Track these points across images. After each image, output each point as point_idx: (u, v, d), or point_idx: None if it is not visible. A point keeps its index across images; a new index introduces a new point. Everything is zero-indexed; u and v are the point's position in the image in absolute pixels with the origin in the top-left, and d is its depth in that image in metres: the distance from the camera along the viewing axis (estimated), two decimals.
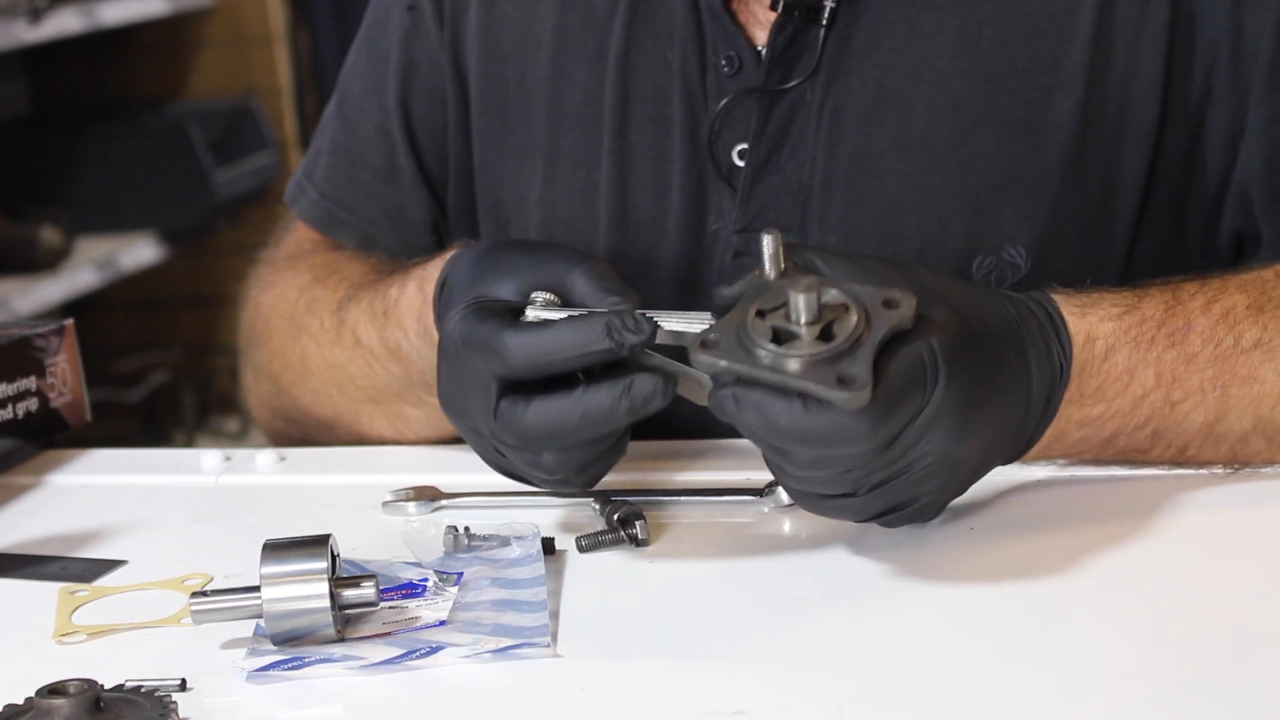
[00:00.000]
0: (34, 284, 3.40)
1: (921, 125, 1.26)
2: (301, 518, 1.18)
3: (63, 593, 1.08)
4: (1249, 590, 1.00)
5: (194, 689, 0.94)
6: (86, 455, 1.36)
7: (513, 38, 1.38)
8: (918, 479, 0.99)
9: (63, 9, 3.49)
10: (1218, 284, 1.14)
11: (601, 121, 1.34)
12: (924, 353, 0.97)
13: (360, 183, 1.45)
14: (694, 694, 0.92)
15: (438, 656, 0.95)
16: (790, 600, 1.02)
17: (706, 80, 1.31)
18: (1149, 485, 1.13)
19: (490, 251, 1.12)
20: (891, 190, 1.26)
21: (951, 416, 0.97)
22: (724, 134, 1.30)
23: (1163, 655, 0.93)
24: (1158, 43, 1.25)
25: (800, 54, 1.28)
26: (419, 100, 1.42)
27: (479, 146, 1.40)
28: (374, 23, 1.46)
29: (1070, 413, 1.09)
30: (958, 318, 1.00)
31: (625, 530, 1.10)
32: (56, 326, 1.35)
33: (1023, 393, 1.04)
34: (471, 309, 1.05)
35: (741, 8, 1.31)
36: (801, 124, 1.28)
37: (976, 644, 0.96)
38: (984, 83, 1.26)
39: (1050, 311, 1.08)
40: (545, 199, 1.36)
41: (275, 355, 1.40)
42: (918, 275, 1.04)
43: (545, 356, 1.01)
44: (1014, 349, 1.04)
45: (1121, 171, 1.26)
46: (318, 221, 1.46)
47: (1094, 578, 1.03)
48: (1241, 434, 1.12)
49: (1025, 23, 1.26)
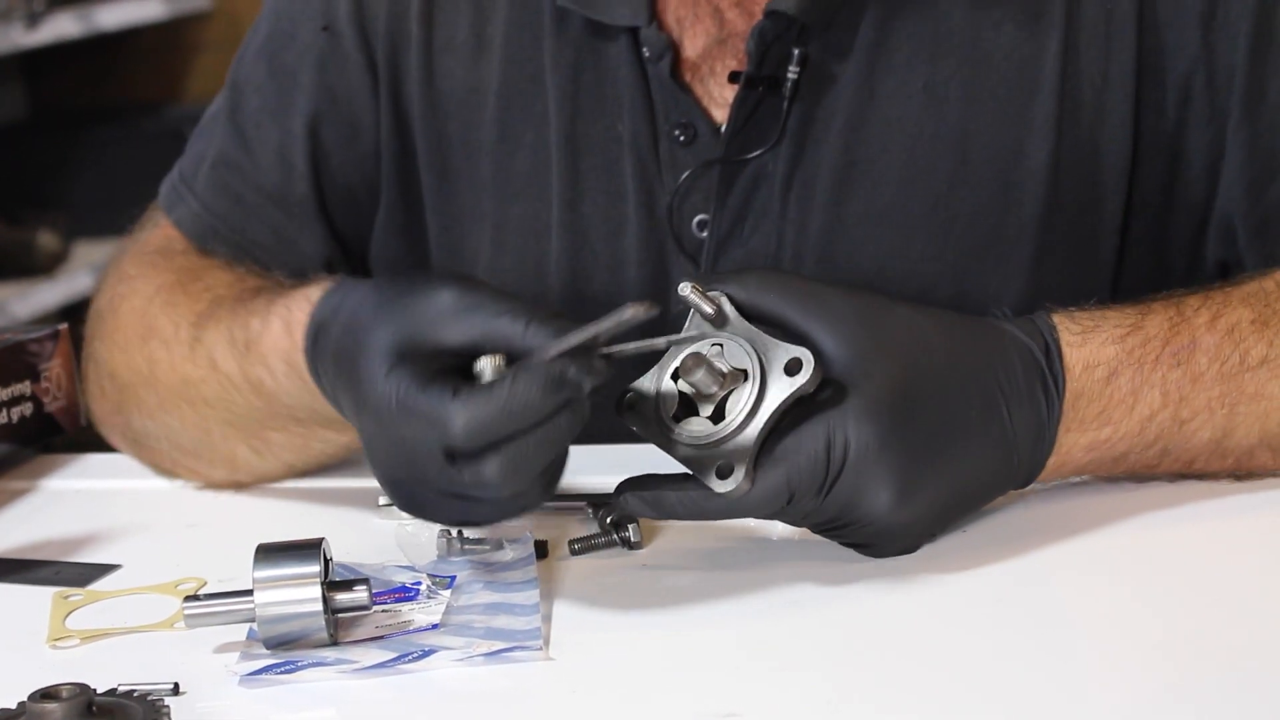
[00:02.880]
0: (32, 288, 3.40)
1: (893, 193, 1.24)
2: (296, 521, 1.18)
3: (56, 597, 1.08)
4: (1249, 596, 1.00)
5: (187, 693, 0.94)
6: (81, 460, 1.36)
7: (455, 93, 1.32)
8: (868, 533, 1.03)
9: (60, 13, 3.49)
10: (1221, 298, 1.13)
11: (550, 192, 1.29)
12: (825, 429, 0.99)
13: (249, 204, 1.36)
14: (686, 697, 0.92)
15: (430, 660, 0.95)
16: (783, 603, 1.02)
17: (660, 150, 1.27)
18: (1146, 491, 1.13)
19: (402, 297, 1.01)
20: (868, 262, 1.23)
21: (881, 481, 1.00)
22: (683, 206, 1.27)
23: (1155, 658, 0.93)
24: (1125, 82, 1.23)
25: (762, 124, 1.24)
26: (332, 129, 1.34)
27: (428, 205, 1.34)
28: (277, 33, 1.37)
29: (1075, 439, 1.08)
30: (896, 376, 1.01)
31: (618, 533, 1.10)
32: (51, 331, 1.36)
33: (993, 440, 1.04)
34: (408, 371, 0.97)
35: (692, 75, 1.26)
36: (765, 196, 1.25)
37: (970, 646, 0.96)
38: (954, 143, 1.23)
39: (1049, 341, 1.07)
40: (495, 267, 1.31)
41: (119, 350, 1.30)
42: (875, 314, 1.03)
43: (498, 426, 0.94)
44: (979, 400, 1.03)
45: (1099, 214, 1.24)
46: (200, 236, 1.36)
47: (1089, 581, 1.03)
48: (1248, 448, 1.12)
49: (990, 76, 1.23)
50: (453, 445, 0.95)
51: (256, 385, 1.18)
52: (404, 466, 1.00)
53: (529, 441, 0.95)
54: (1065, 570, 1.04)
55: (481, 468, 0.96)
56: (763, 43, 1.22)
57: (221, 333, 1.21)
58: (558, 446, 0.98)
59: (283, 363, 1.14)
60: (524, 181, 1.30)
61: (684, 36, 1.26)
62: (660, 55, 1.25)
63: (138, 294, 1.31)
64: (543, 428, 0.95)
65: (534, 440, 0.95)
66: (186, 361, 1.24)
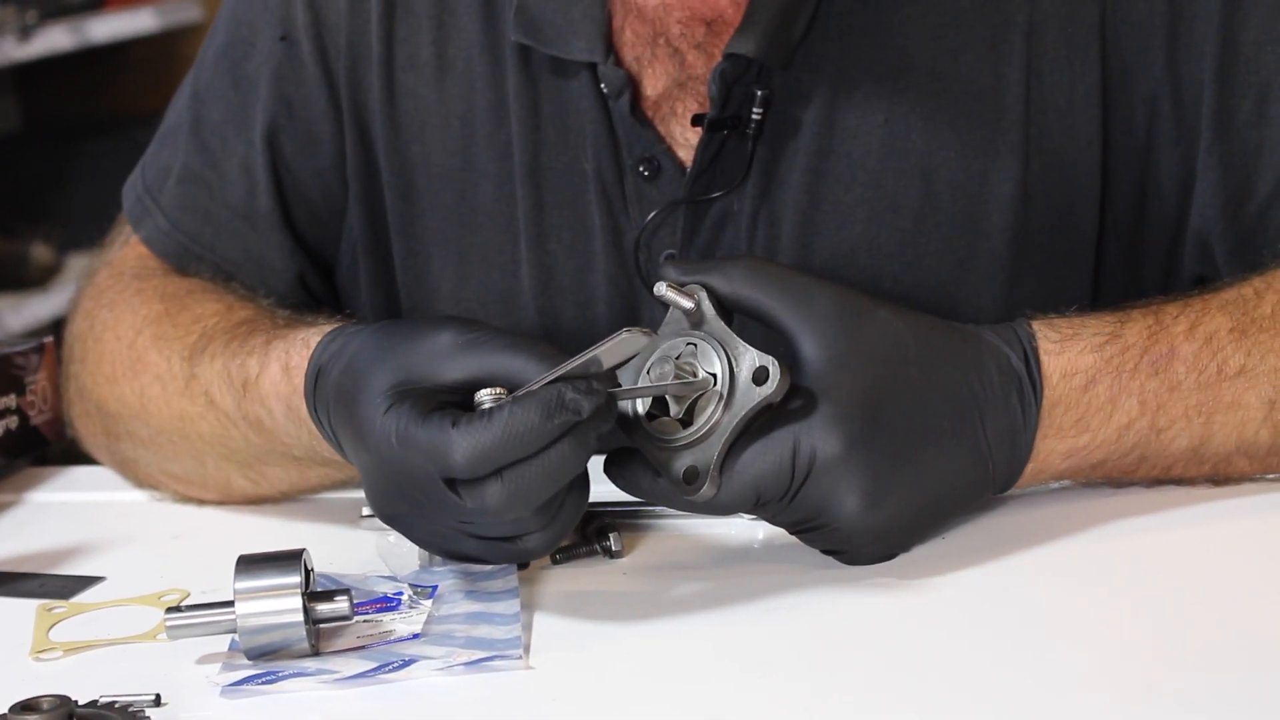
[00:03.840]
0: (25, 301, 3.40)
1: (860, 231, 1.23)
2: (278, 532, 1.18)
3: (40, 609, 1.09)
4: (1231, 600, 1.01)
5: (168, 704, 0.95)
6: (66, 473, 1.37)
7: (417, 115, 1.30)
8: (839, 538, 1.04)
9: (52, 26, 3.50)
10: (1200, 305, 1.13)
11: (516, 225, 1.28)
12: (793, 437, 1.01)
13: (219, 220, 1.34)
14: (666, 705, 0.92)
15: (411, 670, 0.96)
16: (763, 610, 1.02)
17: (625, 185, 1.25)
18: (1126, 496, 1.13)
19: (403, 339, 1.03)
20: None
21: (847, 487, 1.01)
22: (651, 242, 1.26)
23: (1137, 662, 0.94)
24: (1091, 105, 1.22)
25: (726, 165, 1.23)
26: (289, 141, 1.33)
27: (392, 228, 1.32)
28: (236, 40, 1.35)
29: (1053, 445, 1.09)
30: (869, 383, 1.02)
31: (599, 542, 1.10)
32: (36, 345, 1.36)
33: (966, 448, 1.05)
34: (407, 406, 0.99)
35: (653, 112, 1.25)
36: (732, 235, 1.24)
37: (949, 650, 0.96)
38: (919, 177, 1.22)
39: (1027, 349, 1.08)
40: (458, 296, 1.30)
41: (106, 382, 1.29)
42: (855, 316, 1.04)
43: (498, 451, 0.95)
44: (953, 407, 1.04)
45: (1073, 237, 1.24)
46: (171, 255, 1.35)
47: (1074, 585, 1.03)
48: (1225, 455, 1.12)
49: (953, 106, 1.22)
50: (453, 473, 0.96)
51: (255, 423, 1.18)
52: (404, 501, 1.01)
53: (531, 467, 0.96)
54: (1046, 574, 1.05)
55: (483, 492, 0.97)
56: (724, 85, 1.21)
57: (217, 370, 1.20)
58: (562, 475, 0.98)
59: (283, 405, 1.15)
60: (488, 212, 1.29)
61: (643, 75, 1.25)
62: (619, 92, 1.24)
63: (123, 324, 1.29)
64: (545, 454, 0.96)
65: (536, 466, 0.96)
66: (181, 397, 1.23)
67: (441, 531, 1.03)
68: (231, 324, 1.24)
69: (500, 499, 0.97)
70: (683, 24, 1.24)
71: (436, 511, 1.00)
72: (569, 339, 1.25)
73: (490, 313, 1.29)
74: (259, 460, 1.21)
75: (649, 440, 1.02)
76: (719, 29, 1.24)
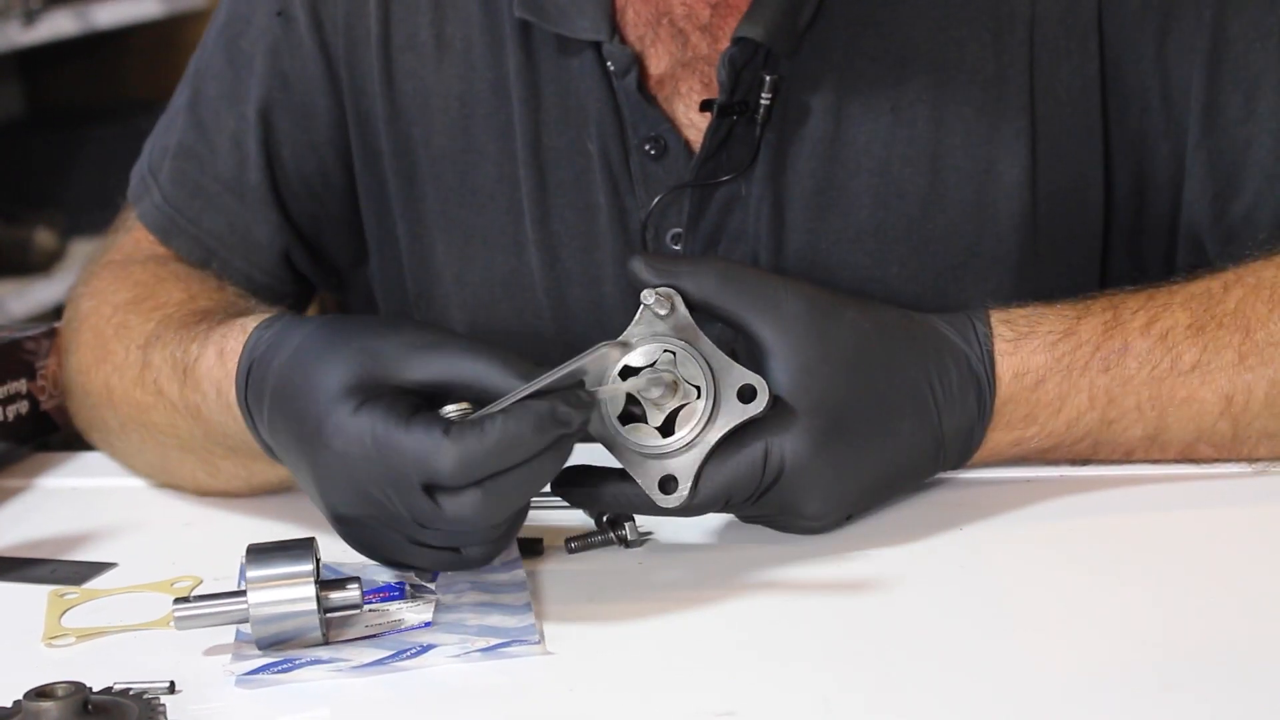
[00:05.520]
0: (29, 286, 3.39)
1: (867, 216, 1.23)
2: (286, 521, 1.17)
3: (52, 595, 1.08)
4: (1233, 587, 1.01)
5: (182, 691, 0.94)
6: (77, 458, 1.36)
7: (417, 96, 1.29)
8: (798, 529, 1.08)
9: (56, 11, 3.49)
10: (1162, 300, 1.14)
11: (519, 206, 1.28)
12: (764, 445, 1.03)
13: (208, 193, 1.34)
14: (683, 694, 0.92)
15: (427, 656, 0.95)
16: (779, 600, 1.02)
17: (631, 165, 1.25)
18: (1140, 485, 1.14)
19: (356, 335, 1.02)
20: (845, 284, 1.22)
21: (811, 491, 1.05)
22: (658, 223, 1.26)
23: (1153, 655, 0.93)
24: (1091, 94, 1.23)
25: (734, 149, 1.23)
26: (284, 115, 1.33)
27: (396, 211, 1.32)
28: (235, 17, 1.35)
29: (1001, 436, 1.12)
30: (837, 391, 1.05)
31: (615, 531, 1.10)
32: (47, 329, 1.35)
33: (924, 446, 1.08)
34: (381, 408, 0.98)
35: (659, 91, 1.25)
36: (739, 219, 1.25)
37: (965, 642, 0.96)
38: (925, 164, 1.23)
39: (983, 350, 1.10)
40: (465, 280, 1.30)
41: (79, 372, 1.29)
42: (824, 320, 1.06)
43: (488, 462, 0.96)
44: (913, 408, 1.08)
45: (1077, 226, 1.25)
46: (158, 228, 1.35)
47: (1084, 576, 1.03)
48: (1186, 443, 1.13)
49: (958, 94, 1.22)
50: (439, 479, 0.96)
51: (195, 411, 1.17)
52: (364, 504, 1.00)
53: (511, 478, 0.97)
54: (1064, 569, 1.04)
55: (461, 501, 0.97)
56: (733, 70, 1.21)
57: (166, 357, 1.19)
58: (539, 484, 1.00)
59: (214, 389, 1.14)
60: (490, 193, 1.29)
61: (646, 55, 1.25)
62: (626, 70, 1.24)
63: (98, 313, 1.29)
64: (528, 465, 0.97)
65: (516, 477, 0.97)
66: (136, 386, 1.22)
67: (393, 538, 1.02)
68: (188, 312, 1.23)
69: (478, 508, 0.97)
70: (687, 5, 1.25)
71: (396, 517, 0.99)
72: (577, 320, 1.27)
73: (496, 294, 1.29)
74: (207, 452, 1.20)
75: (624, 447, 1.03)
76: (724, 11, 1.24)
